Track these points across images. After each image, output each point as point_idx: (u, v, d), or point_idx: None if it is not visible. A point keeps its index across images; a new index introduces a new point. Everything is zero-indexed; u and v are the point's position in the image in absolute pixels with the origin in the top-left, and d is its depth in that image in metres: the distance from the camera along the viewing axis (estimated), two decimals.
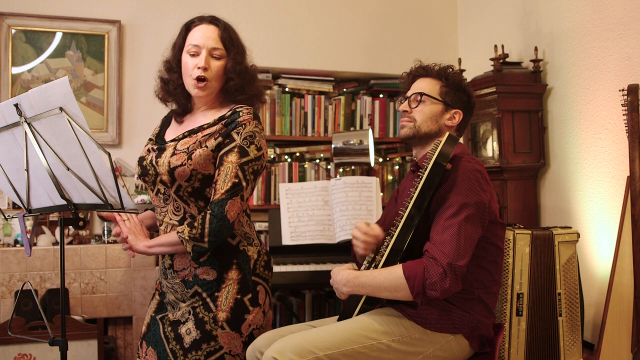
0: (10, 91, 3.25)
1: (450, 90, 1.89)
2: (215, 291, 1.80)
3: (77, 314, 2.98)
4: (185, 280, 1.82)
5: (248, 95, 1.87)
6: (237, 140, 1.76)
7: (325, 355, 1.61)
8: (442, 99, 1.88)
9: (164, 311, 1.89)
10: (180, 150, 1.77)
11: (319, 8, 3.76)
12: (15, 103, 1.48)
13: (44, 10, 3.32)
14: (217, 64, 1.82)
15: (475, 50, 3.72)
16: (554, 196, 3.10)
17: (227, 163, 1.75)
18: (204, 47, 1.81)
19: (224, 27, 1.85)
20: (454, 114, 1.89)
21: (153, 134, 1.97)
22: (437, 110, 1.88)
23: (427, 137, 1.88)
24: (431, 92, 1.89)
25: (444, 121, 1.88)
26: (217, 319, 1.78)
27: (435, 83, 1.90)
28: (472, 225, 1.67)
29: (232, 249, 1.83)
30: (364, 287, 1.72)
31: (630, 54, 2.60)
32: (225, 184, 1.73)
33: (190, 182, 1.76)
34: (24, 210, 1.68)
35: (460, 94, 1.90)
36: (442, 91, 1.89)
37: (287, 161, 3.66)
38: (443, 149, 1.70)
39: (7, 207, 3.18)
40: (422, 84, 1.92)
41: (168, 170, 1.76)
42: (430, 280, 1.60)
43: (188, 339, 1.79)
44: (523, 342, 2.41)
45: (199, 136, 1.79)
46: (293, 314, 3.46)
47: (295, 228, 2.92)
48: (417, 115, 1.88)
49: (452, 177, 1.71)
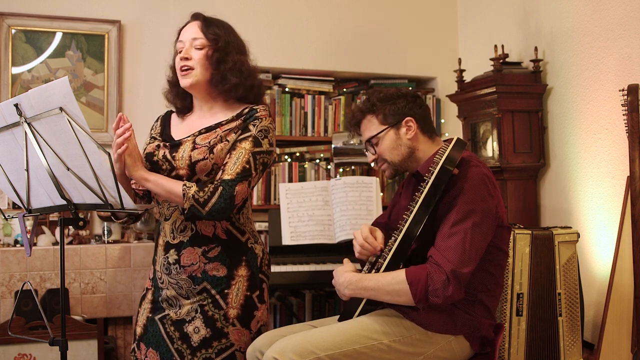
0: (10, 91, 3.25)
1: (385, 111, 1.84)
2: (225, 288, 1.81)
3: (77, 314, 2.98)
4: (193, 276, 1.81)
5: (233, 83, 1.85)
6: (252, 131, 1.81)
7: (326, 355, 1.61)
8: (387, 124, 1.84)
9: (161, 310, 1.86)
10: (201, 145, 1.79)
11: (319, 8, 3.76)
12: (15, 103, 1.48)
13: (44, 10, 3.32)
14: (198, 52, 1.84)
15: (475, 50, 3.72)
16: (554, 196, 3.10)
17: (240, 148, 1.78)
18: (186, 40, 1.86)
19: (204, 19, 1.89)
20: (406, 124, 1.83)
21: (155, 132, 1.97)
22: (391, 137, 1.84)
23: (407, 162, 1.85)
24: (374, 129, 1.85)
25: (404, 139, 1.83)
26: (228, 316, 1.80)
27: (370, 119, 1.87)
28: (479, 233, 1.65)
29: (241, 245, 1.86)
30: (366, 291, 1.71)
31: (630, 54, 2.60)
32: (236, 166, 1.75)
33: (209, 176, 1.79)
34: (24, 210, 1.68)
35: (393, 105, 1.84)
36: (380, 119, 1.85)
37: (287, 161, 3.66)
38: (451, 153, 1.68)
39: (7, 207, 3.18)
40: (364, 129, 1.89)
41: (189, 164, 1.77)
42: (433, 287, 1.59)
43: (196, 338, 1.79)
44: (523, 342, 2.41)
45: (219, 131, 1.82)
46: (293, 314, 3.46)
47: (295, 228, 2.92)
48: (384, 155, 1.85)
49: (461, 182, 1.68)
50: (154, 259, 1.94)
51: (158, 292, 1.88)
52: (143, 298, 1.95)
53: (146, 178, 1.75)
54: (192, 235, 1.82)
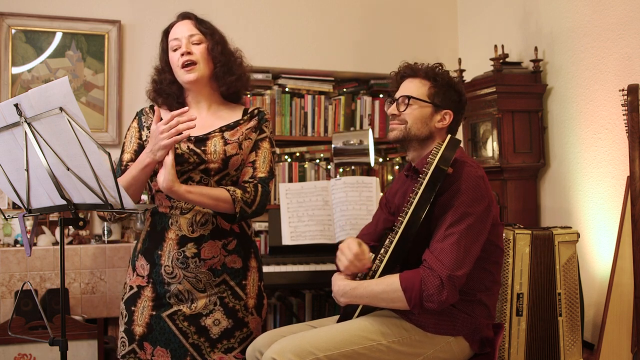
0: (10, 91, 3.25)
1: (440, 91, 1.83)
2: (243, 279, 1.91)
3: (77, 314, 2.98)
4: (214, 269, 1.86)
5: (237, 75, 1.94)
6: (267, 132, 1.96)
7: (325, 356, 1.61)
8: (431, 100, 1.82)
9: (168, 307, 1.84)
10: (232, 141, 1.88)
11: (319, 8, 3.76)
12: (15, 103, 1.47)
13: (44, 10, 3.32)
14: (199, 47, 1.90)
15: (475, 50, 3.72)
16: (554, 196, 3.10)
17: (263, 148, 1.93)
18: (183, 37, 1.90)
19: (196, 18, 1.95)
20: (444, 114, 1.83)
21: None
22: (426, 112, 1.82)
23: (418, 139, 1.83)
24: (419, 94, 1.83)
25: (434, 123, 1.82)
26: (247, 305, 1.90)
27: (424, 84, 1.84)
28: (474, 235, 1.64)
29: (249, 238, 1.97)
30: (362, 299, 1.71)
31: (630, 54, 2.60)
32: (265, 164, 1.90)
33: (237, 171, 1.89)
34: (24, 210, 1.68)
35: (450, 93, 1.83)
36: (430, 92, 1.82)
37: (287, 161, 3.66)
38: (444, 153, 1.67)
39: (7, 207, 3.18)
40: (409, 86, 1.86)
41: (223, 158, 1.84)
42: (427, 293, 1.58)
43: (216, 330, 1.84)
44: (523, 342, 2.41)
45: (242, 129, 1.91)
46: (293, 314, 3.46)
47: (295, 228, 2.92)
48: (407, 118, 1.83)
49: (456, 184, 1.67)
50: (155, 253, 1.87)
51: (162, 288, 1.85)
52: (137, 296, 1.88)
53: (190, 191, 1.75)
54: (212, 229, 1.86)
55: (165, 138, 1.69)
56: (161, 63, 1.98)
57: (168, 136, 1.69)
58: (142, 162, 1.76)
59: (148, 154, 1.75)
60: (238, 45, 2.03)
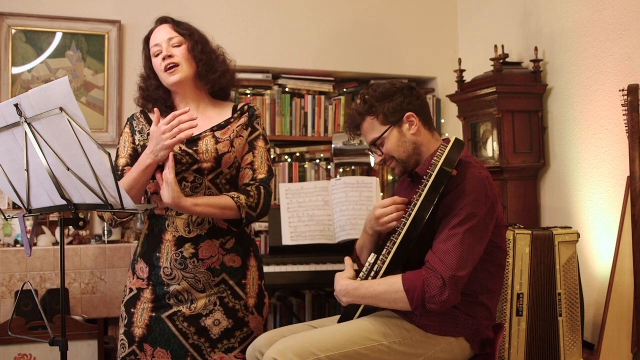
0: (10, 91, 3.25)
1: (384, 111, 1.79)
2: (242, 278, 1.91)
3: (77, 314, 2.98)
4: (212, 268, 1.86)
5: (220, 72, 1.94)
6: (259, 129, 1.97)
7: (326, 356, 1.61)
8: (388, 123, 1.79)
9: (168, 308, 1.85)
10: (223, 139, 1.88)
11: (319, 8, 3.75)
12: (15, 103, 1.47)
13: (44, 10, 3.32)
14: (179, 49, 1.91)
15: (475, 50, 3.72)
16: (554, 196, 3.10)
17: (259, 147, 1.94)
18: (162, 41, 1.92)
19: (173, 20, 1.97)
20: (408, 121, 1.79)
21: (148, 129, 1.97)
22: (395, 136, 1.80)
23: (412, 156, 1.81)
24: (377, 130, 1.80)
25: (409, 135, 1.80)
26: (247, 305, 1.90)
27: (371, 119, 1.81)
28: (477, 236, 1.64)
29: (248, 237, 1.97)
30: (364, 299, 1.70)
31: (630, 54, 2.60)
32: (263, 164, 1.92)
33: (230, 169, 1.89)
34: (24, 210, 1.68)
35: (392, 102, 1.79)
36: (381, 120, 1.79)
37: (287, 161, 3.66)
38: (449, 155, 1.66)
39: (7, 207, 3.17)
40: (366, 131, 1.84)
41: (215, 156, 1.84)
42: (430, 294, 1.58)
43: (216, 330, 1.84)
44: (523, 342, 2.41)
45: (232, 127, 1.92)
46: (293, 314, 3.46)
47: (295, 228, 2.92)
48: (390, 153, 1.81)
49: (461, 185, 1.66)
50: (153, 256, 1.89)
51: (161, 289, 1.86)
52: (136, 298, 1.89)
53: (196, 203, 1.76)
54: (209, 228, 1.87)
55: (168, 138, 1.71)
56: (145, 70, 2.01)
57: (170, 136, 1.71)
58: (142, 164, 1.77)
59: (149, 155, 1.75)
60: (238, 45, 2.04)
